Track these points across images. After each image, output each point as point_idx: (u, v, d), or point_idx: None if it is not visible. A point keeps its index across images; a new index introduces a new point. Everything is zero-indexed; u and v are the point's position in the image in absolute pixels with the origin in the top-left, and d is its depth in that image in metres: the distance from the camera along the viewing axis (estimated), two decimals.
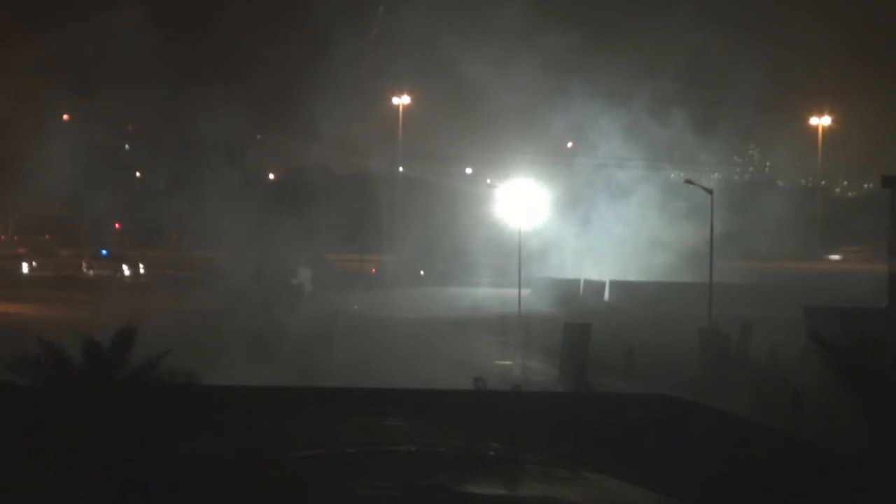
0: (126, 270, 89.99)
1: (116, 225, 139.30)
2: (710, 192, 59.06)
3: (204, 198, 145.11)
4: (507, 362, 42.61)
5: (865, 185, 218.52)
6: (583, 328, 40.27)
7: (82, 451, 20.60)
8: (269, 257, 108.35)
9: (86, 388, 21.79)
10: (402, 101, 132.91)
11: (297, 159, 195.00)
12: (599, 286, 70.67)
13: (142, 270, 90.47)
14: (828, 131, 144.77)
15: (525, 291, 59.12)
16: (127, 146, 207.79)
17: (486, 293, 69.34)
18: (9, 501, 19.21)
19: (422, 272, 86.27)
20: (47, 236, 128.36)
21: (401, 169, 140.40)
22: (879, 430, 22.61)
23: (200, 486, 19.96)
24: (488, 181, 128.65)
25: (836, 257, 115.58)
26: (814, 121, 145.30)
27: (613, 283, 72.28)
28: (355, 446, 24.06)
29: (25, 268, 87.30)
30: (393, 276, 75.65)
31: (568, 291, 68.48)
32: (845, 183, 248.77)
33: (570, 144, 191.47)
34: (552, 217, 59.45)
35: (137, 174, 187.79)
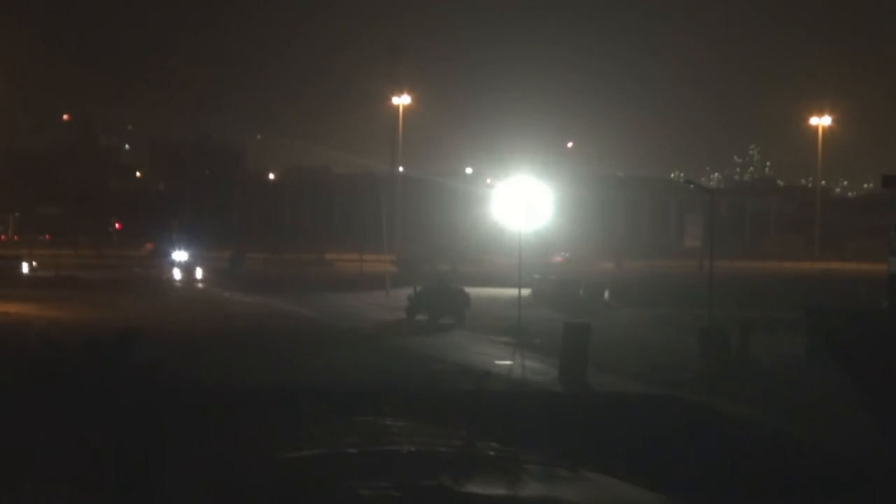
0: (200, 273, 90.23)
1: (117, 225, 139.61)
2: (709, 192, 59.11)
3: (203, 198, 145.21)
4: (507, 362, 42.63)
5: (865, 185, 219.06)
6: (583, 328, 40.26)
7: (82, 451, 20.62)
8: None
9: (87, 387, 21.81)
10: (402, 101, 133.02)
11: (298, 159, 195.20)
12: (600, 286, 70.69)
13: (199, 274, 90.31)
14: (828, 131, 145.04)
15: (525, 291, 59.12)
16: (127, 146, 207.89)
17: (486, 293, 69.37)
18: (8, 502, 19.22)
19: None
20: (47, 236, 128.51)
21: (401, 169, 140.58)
22: (885, 430, 22.61)
23: (200, 487, 19.98)
24: (488, 181, 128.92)
25: (559, 259, 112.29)
26: (814, 121, 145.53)
27: (614, 283, 72.33)
28: (355, 446, 24.07)
29: (25, 268, 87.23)
30: (393, 276, 75.66)
31: (568, 291, 68.50)
32: (845, 183, 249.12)
33: (569, 144, 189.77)
34: (553, 217, 59.45)
35: (138, 174, 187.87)
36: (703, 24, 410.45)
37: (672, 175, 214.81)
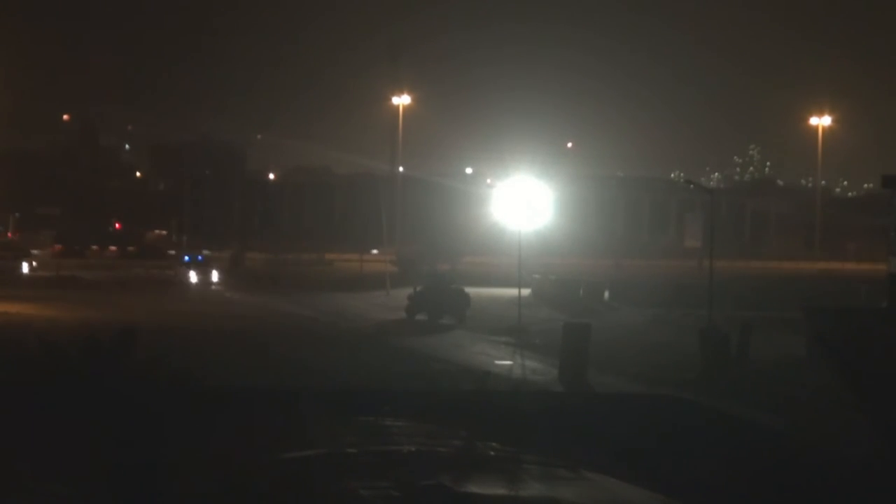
0: (216, 275, 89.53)
1: (117, 225, 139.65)
2: (709, 192, 59.08)
3: (204, 198, 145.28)
4: (507, 362, 42.65)
5: (865, 185, 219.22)
6: (583, 328, 40.27)
7: (82, 450, 20.61)
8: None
9: (86, 387, 21.82)
10: (402, 100, 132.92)
11: (298, 159, 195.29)
12: (600, 286, 70.67)
13: (215, 277, 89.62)
14: (828, 131, 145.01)
15: (525, 291, 59.12)
16: (127, 146, 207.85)
17: (487, 293, 69.39)
18: (8, 501, 19.23)
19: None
20: (57, 247, 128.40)
21: (401, 169, 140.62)
22: (880, 430, 22.58)
23: (200, 486, 19.97)
24: (488, 181, 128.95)
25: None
26: (814, 121, 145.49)
27: (614, 284, 72.31)
28: (355, 446, 24.09)
29: (25, 268, 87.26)
30: (393, 276, 75.70)
31: (568, 291, 68.50)
32: (845, 183, 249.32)
33: (570, 144, 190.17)
34: (553, 217, 59.42)
35: (138, 174, 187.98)
36: (704, 25, 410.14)
37: (672, 175, 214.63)
